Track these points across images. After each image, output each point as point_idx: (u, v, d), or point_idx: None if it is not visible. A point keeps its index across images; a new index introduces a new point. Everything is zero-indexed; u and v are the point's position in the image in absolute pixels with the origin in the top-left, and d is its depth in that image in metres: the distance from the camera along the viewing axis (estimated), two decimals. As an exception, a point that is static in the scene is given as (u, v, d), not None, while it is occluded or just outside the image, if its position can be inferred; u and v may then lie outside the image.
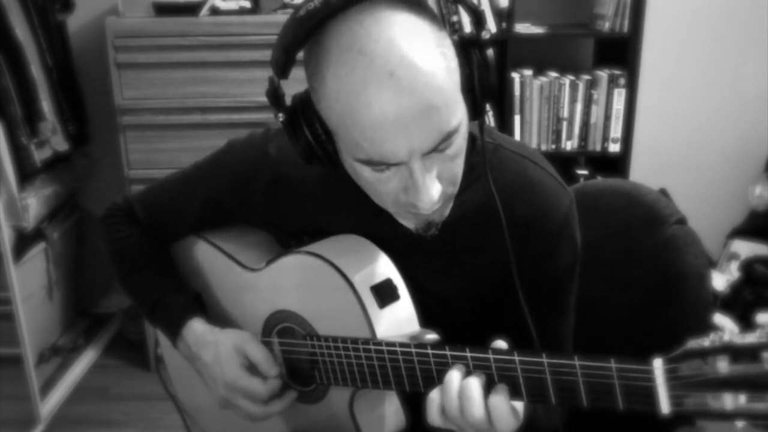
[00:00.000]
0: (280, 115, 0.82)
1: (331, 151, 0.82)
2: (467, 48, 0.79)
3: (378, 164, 0.77)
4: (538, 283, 0.94)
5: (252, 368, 0.99)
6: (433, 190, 0.78)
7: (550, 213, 0.93)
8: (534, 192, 0.93)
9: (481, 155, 0.90)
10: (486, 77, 0.80)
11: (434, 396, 0.79)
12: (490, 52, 0.80)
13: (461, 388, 0.77)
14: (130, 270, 1.12)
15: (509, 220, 0.89)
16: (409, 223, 0.87)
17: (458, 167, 0.82)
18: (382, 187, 0.80)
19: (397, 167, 0.77)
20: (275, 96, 0.81)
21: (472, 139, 0.86)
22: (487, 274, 0.96)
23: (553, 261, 0.94)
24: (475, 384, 0.76)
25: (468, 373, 0.78)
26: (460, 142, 0.79)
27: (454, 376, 0.78)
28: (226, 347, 0.99)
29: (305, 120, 0.81)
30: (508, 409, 0.76)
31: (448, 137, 0.76)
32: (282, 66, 0.77)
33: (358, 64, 0.71)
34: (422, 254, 0.96)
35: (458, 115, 0.77)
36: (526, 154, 0.96)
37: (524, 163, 0.95)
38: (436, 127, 0.74)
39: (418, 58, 0.72)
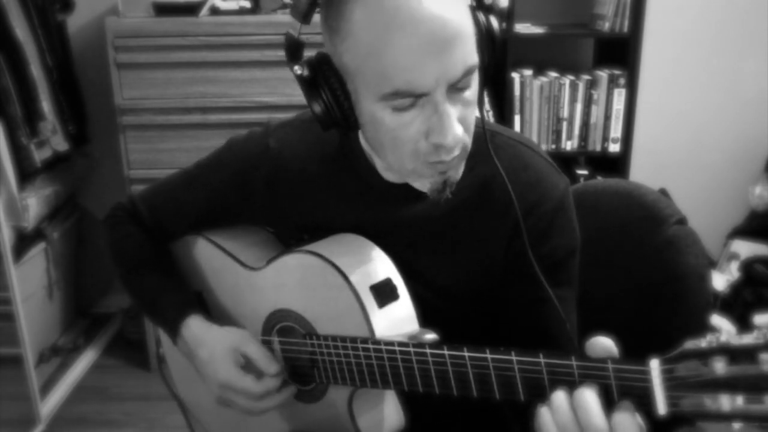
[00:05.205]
0: (297, 67, 0.82)
1: (347, 109, 0.83)
2: (474, 12, 0.82)
3: (405, 95, 0.78)
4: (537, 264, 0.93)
5: (248, 366, 0.99)
6: (456, 127, 0.80)
7: (545, 194, 0.94)
8: (529, 175, 0.95)
9: (478, 143, 0.91)
10: (492, 43, 0.83)
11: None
12: (494, 21, 0.83)
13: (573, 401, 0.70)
14: (130, 269, 1.13)
15: (507, 204, 0.90)
16: (425, 183, 0.87)
17: (471, 118, 0.85)
18: (403, 133, 0.81)
19: (420, 107, 0.79)
20: (295, 45, 0.82)
21: None
22: (488, 260, 0.97)
23: (549, 242, 0.95)
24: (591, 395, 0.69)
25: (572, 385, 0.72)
26: (474, 88, 0.83)
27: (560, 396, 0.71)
28: (222, 346, 1.00)
29: (323, 76, 0.82)
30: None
31: (470, 72, 0.79)
32: (305, 8, 0.79)
33: None
34: (423, 242, 0.97)
35: (476, 57, 0.80)
36: (521, 140, 0.98)
37: (519, 147, 0.97)
38: (462, 57, 0.78)
39: None
